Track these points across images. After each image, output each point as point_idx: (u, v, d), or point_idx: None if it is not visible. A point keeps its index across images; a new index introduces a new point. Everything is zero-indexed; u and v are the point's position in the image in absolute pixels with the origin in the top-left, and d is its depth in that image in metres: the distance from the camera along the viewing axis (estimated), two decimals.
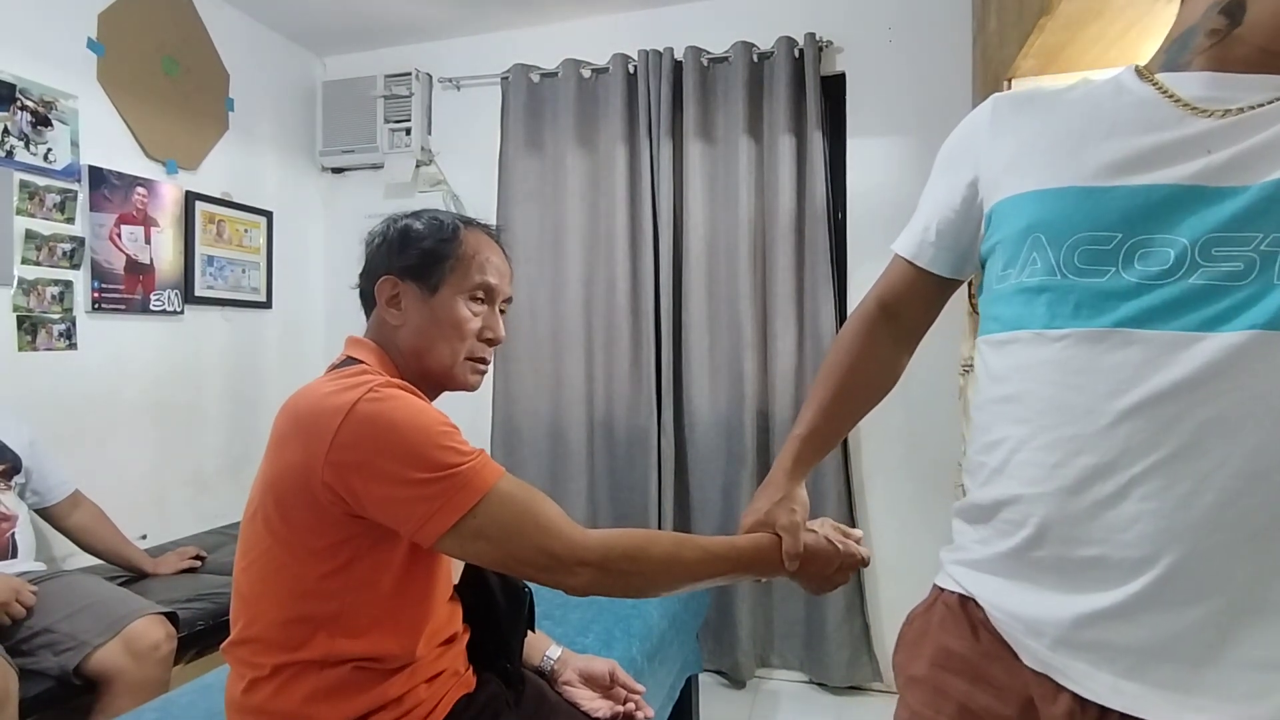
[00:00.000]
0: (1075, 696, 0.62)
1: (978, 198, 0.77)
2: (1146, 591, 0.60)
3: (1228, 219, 0.59)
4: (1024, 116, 0.73)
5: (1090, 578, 0.63)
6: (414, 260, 0.97)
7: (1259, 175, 0.59)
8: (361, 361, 0.94)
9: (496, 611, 1.06)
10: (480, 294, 0.99)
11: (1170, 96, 0.65)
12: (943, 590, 0.77)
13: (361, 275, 1.02)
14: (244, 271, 2.65)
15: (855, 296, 2.41)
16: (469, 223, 1.02)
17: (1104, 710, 0.61)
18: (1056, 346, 0.65)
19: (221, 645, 0.93)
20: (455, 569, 1.04)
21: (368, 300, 1.02)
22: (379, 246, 1.01)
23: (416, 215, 1.02)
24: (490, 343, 1.01)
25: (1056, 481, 0.64)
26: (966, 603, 0.73)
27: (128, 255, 2.23)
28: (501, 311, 1.04)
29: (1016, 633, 0.67)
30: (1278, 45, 0.62)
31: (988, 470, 0.72)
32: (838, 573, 0.96)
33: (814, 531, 0.95)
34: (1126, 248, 0.62)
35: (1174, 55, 0.68)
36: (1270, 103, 0.61)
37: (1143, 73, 0.68)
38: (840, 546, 0.95)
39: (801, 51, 2.38)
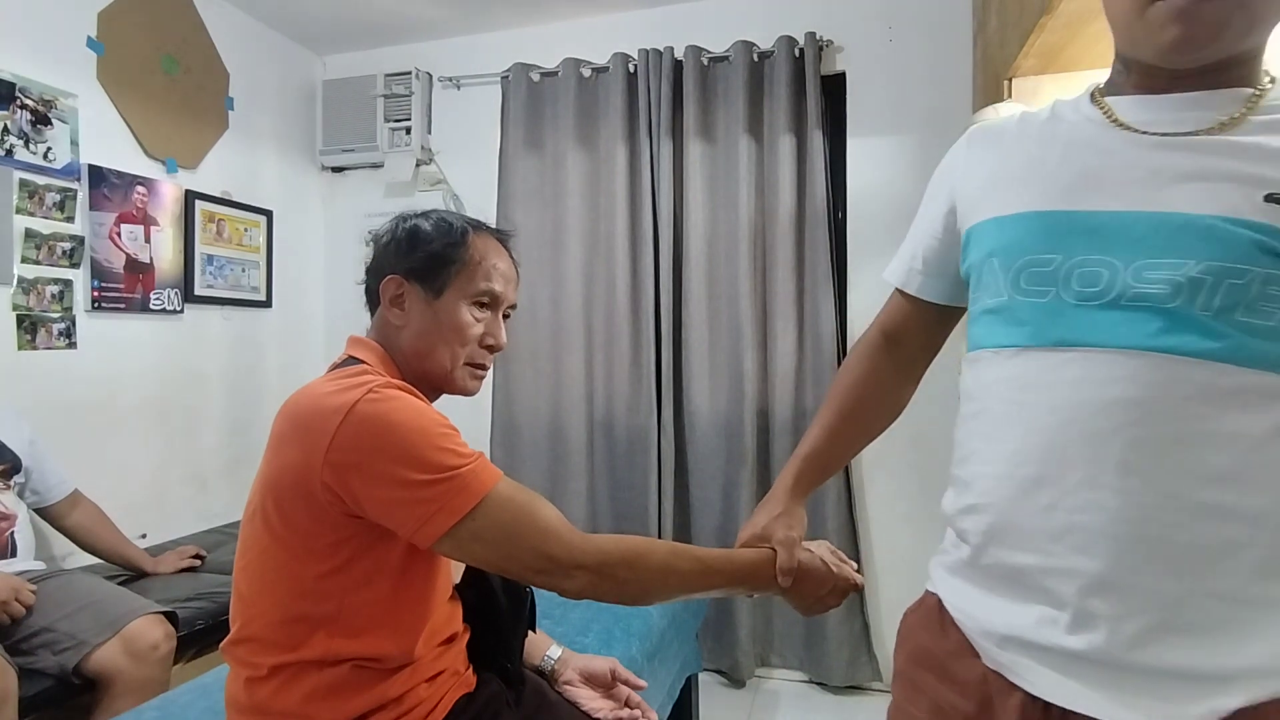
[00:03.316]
0: (1027, 694, 0.65)
1: (956, 226, 0.80)
2: (1078, 603, 0.62)
3: (1160, 244, 0.61)
4: (994, 145, 0.77)
5: (1027, 585, 0.66)
6: (420, 262, 0.96)
7: (1190, 204, 0.61)
8: (362, 361, 0.93)
9: (497, 611, 1.06)
10: (484, 300, 0.98)
11: (1113, 120, 0.68)
12: (928, 592, 0.80)
13: (368, 272, 1.02)
14: (244, 270, 2.65)
15: (855, 296, 2.40)
16: (478, 227, 1.01)
17: (1049, 706, 0.64)
18: (1010, 364, 0.69)
19: (220, 644, 0.93)
20: (456, 568, 1.04)
21: (373, 298, 1.01)
22: (387, 245, 1.00)
23: (426, 216, 1.01)
24: (491, 349, 1.00)
25: (1003, 491, 0.68)
26: (941, 603, 0.76)
27: (127, 254, 2.23)
28: (505, 317, 1.03)
29: (973, 633, 0.71)
30: (1154, 60, 0.64)
31: (960, 482, 0.76)
32: (830, 595, 0.96)
33: (809, 551, 0.95)
34: (1065, 269, 0.65)
35: (1114, 76, 0.72)
36: (1203, 131, 0.63)
37: (1095, 95, 0.71)
38: (834, 569, 0.96)
39: (802, 51, 2.38)
